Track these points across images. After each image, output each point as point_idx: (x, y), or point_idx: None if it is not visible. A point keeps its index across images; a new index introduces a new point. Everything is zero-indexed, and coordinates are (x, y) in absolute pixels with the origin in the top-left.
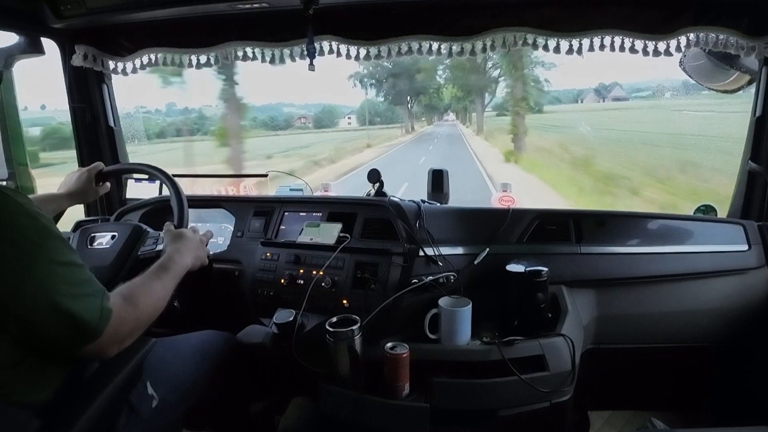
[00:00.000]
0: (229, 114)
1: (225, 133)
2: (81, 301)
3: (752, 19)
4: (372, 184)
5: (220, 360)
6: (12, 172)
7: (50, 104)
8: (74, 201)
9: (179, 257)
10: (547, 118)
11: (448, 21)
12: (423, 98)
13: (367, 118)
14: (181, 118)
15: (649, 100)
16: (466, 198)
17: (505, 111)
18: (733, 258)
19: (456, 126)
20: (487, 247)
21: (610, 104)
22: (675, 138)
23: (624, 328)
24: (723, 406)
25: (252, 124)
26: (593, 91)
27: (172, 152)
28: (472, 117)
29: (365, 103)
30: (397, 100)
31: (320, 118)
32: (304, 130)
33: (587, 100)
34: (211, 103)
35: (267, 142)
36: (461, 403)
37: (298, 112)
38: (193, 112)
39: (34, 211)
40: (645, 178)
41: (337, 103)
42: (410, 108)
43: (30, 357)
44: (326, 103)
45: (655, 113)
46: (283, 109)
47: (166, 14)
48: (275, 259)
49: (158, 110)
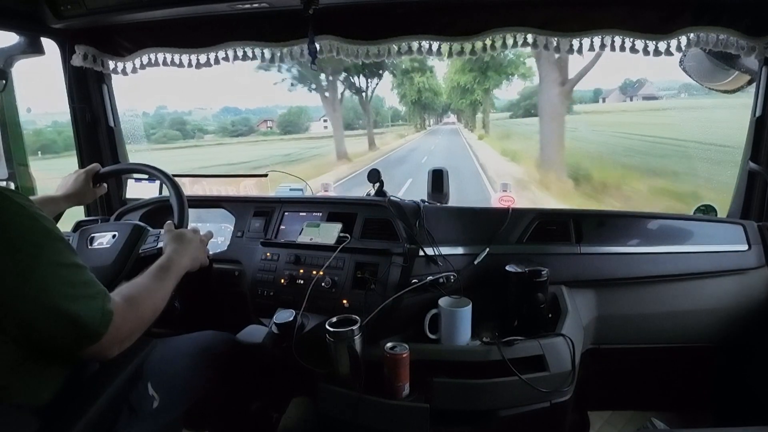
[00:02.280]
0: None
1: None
2: (82, 303)
3: (752, 19)
4: (372, 184)
5: (220, 360)
6: (12, 173)
7: (36, 108)
8: (72, 203)
9: (179, 258)
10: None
11: (448, 21)
12: (406, 90)
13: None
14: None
15: (689, 99)
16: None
17: (530, 112)
18: (733, 258)
19: (459, 134)
20: (487, 247)
21: (638, 104)
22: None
23: (624, 328)
24: (723, 406)
25: (212, 129)
26: (618, 90)
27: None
28: (474, 118)
29: (343, 104)
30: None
31: (289, 121)
32: (267, 136)
33: (611, 100)
34: (204, 105)
35: (225, 151)
36: (461, 403)
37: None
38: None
39: (35, 213)
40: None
41: (306, 104)
42: (366, 98)
43: (30, 358)
44: (295, 105)
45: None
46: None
47: (166, 14)
48: (275, 259)
49: (146, 113)
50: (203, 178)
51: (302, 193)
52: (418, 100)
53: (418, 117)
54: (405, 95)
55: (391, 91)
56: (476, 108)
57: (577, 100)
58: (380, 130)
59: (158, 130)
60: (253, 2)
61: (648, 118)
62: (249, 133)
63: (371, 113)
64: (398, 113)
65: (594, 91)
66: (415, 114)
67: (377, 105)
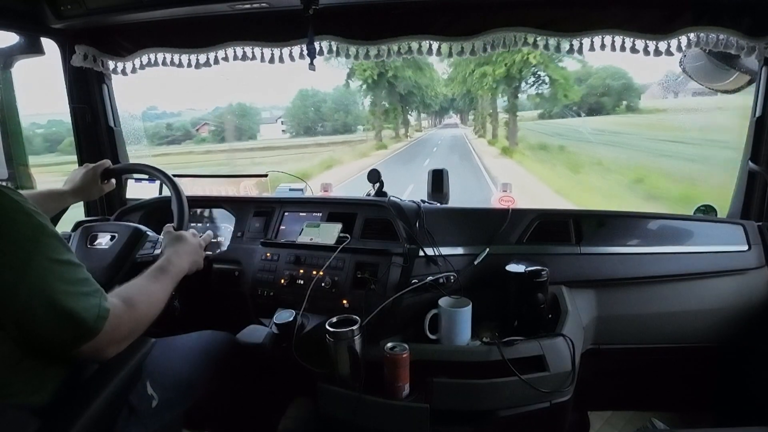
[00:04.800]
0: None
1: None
2: (78, 299)
3: (752, 19)
4: (372, 185)
5: (220, 360)
6: (12, 173)
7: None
8: (78, 198)
9: (177, 260)
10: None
11: (448, 21)
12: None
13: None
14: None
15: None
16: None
17: (571, 112)
18: (733, 258)
19: (466, 141)
20: (487, 248)
21: (686, 101)
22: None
23: (624, 328)
24: (723, 406)
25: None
26: (657, 84)
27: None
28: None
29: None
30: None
31: (222, 124)
32: (202, 144)
33: (648, 96)
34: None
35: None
36: (461, 404)
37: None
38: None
39: (29, 209)
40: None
41: (254, 102)
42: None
43: (29, 357)
44: (238, 103)
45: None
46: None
47: (165, 14)
48: (275, 259)
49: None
50: (203, 178)
51: (302, 193)
52: (386, 80)
53: (400, 116)
54: (368, 78)
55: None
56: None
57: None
58: (344, 138)
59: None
60: (253, 2)
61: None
62: (184, 140)
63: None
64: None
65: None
66: (395, 113)
67: (344, 100)
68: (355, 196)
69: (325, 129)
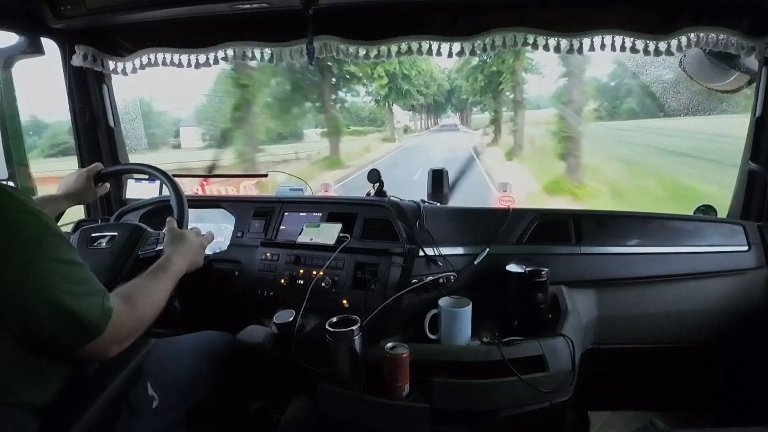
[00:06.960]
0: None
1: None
2: (81, 299)
3: (752, 19)
4: (372, 184)
5: (220, 360)
6: (12, 173)
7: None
8: (73, 202)
9: (178, 259)
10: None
11: (448, 21)
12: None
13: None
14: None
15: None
16: None
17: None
18: (732, 258)
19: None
20: (487, 248)
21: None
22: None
23: (624, 328)
24: (723, 406)
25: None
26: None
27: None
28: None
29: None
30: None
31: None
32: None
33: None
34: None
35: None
36: (461, 404)
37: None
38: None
39: (35, 209)
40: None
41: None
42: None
43: (30, 357)
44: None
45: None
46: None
47: (165, 14)
48: (275, 259)
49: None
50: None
51: (302, 193)
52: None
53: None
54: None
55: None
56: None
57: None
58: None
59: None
60: (252, 2)
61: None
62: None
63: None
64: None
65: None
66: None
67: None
68: (354, 196)
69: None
